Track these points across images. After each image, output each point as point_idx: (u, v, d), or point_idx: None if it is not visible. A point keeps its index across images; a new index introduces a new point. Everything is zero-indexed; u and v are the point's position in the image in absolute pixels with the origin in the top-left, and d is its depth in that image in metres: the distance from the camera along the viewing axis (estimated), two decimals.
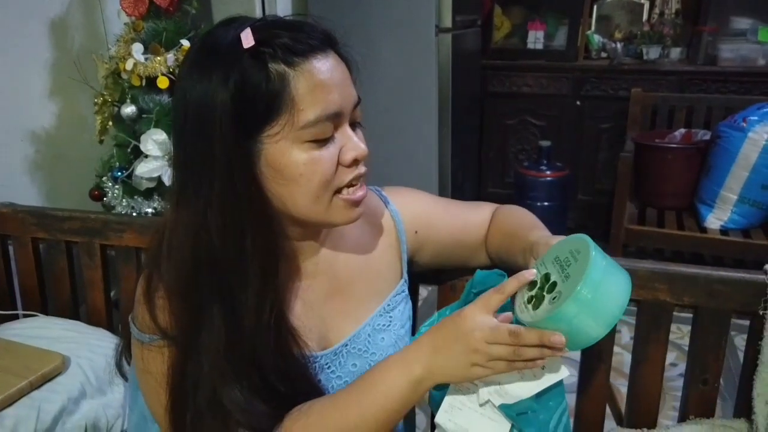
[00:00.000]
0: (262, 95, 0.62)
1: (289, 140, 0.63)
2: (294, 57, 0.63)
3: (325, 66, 0.64)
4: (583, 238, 0.64)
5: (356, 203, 0.70)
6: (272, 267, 0.67)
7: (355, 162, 0.68)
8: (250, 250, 0.65)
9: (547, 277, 0.65)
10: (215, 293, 0.65)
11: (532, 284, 0.66)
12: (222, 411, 0.65)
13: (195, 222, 0.64)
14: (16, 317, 1.32)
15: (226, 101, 0.61)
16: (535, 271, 0.66)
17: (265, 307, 0.66)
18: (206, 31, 0.68)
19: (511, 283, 0.65)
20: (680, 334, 2.09)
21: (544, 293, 0.63)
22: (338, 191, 0.68)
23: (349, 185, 0.68)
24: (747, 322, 0.91)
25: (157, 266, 0.68)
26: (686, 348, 2.08)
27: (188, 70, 0.65)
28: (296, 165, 0.64)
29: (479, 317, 0.63)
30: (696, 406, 0.95)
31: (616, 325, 0.64)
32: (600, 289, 0.59)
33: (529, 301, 0.65)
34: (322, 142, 0.65)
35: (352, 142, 0.67)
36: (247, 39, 0.61)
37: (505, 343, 0.61)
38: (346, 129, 0.67)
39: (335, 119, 0.65)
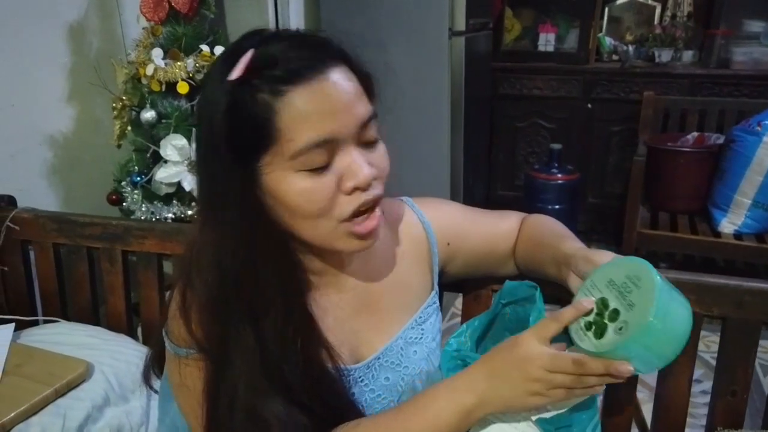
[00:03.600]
0: (250, 125, 0.61)
1: (283, 169, 0.62)
2: (280, 86, 0.60)
3: (316, 91, 0.61)
4: (642, 263, 0.63)
5: (363, 236, 0.66)
6: (292, 290, 0.67)
7: (357, 189, 0.64)
8: (269, 277, 0.65)
9: (604, 302, 0.63)
10: (244, 313, 0.65)
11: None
12: (261, 426, 0.65)
13: (216, 243, 0.65)
14: (36, 323, 1.32)
15: (223, 129, 0.61)
16: (592, 299, 0.64)
17: (288, 328, 0.66)
18: (228, 48, 0.68)
19: (569, 312, 0.63)
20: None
21: (606, 321, 0.62)
22: (346, 220, 0.65)
23: (357, 214, 0.65)
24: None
25: (190, 281, 0.68)
26: (700, 354, 2.08)
27: (205, 89, 0.66)
28: (290, 194, 0.63)
29: (538, 346, 0.61)
30: (723, 417, 0.94)
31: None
32: (668, 318, 0.59)
33: (588, 327, 0.63)
34: (316, 170, 0.62)
35: (351, 169, 0.63)
36: (238, 69, 0.61)
37: (569, 373, 0.60)
38: (349, 153, 0.63)
39: (327, 146, 0.62)
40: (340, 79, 0.62)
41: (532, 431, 0.68)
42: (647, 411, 1.02)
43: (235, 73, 0.60)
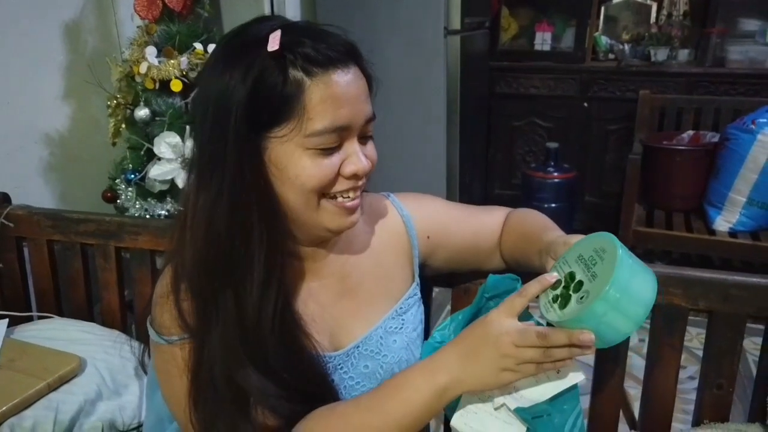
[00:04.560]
0: (276, 97, 0.63)
1: (293, 144, 0.65)
2: (313, 67, 0.64)
3: (342, 80, 0.65)
4: (608, 237, 0.64)
5: (347, 210, 0.70)
6: (277, 262, 0.68)
7: (355, 176, 0.69)
8: (257, 243, 0.66)
9: (572, 275, 0.65)
10: (226, 279, 0.67)
11: (556, 283, 0.66)
12: (240, 394, 0.66)
13: (208, 208, 0.66)
14: (30, 319, 1.33)
15: (243, 96, 0.63)
16: (556, 274, 0.66)
17: (268, 299, 0.67)
18: (240, 25, 0.70)
19: (533, 286, 0.66)
20: (688, 337, 2.08)
21: (570, 292, 0.64)
22: (331, 197, 0.69)
23: (344, 194, 0.70)
24: (756, 325, 0.92)
25: (180, 256, 0.70)
26: (694, 350, 2.09)
27: (215, 61, 0.68)
28: (295, 168, 0.66)
29: (506, 321, 0.63)
30: (710, 410, 0.95)
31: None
32: (628, 288, 0.60)
33: (555, 300, 0.65)
34: (326, 150, 0.66)
35: (355, 157, 0.68)
36: (274, 42, 0.63)
37: (535, 346, 0.61)
38: (353, 143, 0.69)
39: (342, 132, 0.67)
40: (358, 75, 0.68)
41: (510, 419, 0.69)
42: (637, 407, 1.03)
43: (273, 45, 0.63)
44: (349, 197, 0.70)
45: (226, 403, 0.67)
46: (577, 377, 0.68)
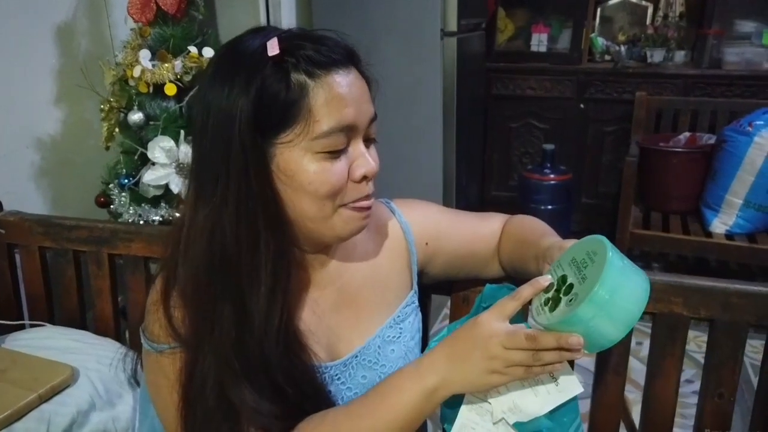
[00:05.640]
0: (280, 103, 0.63)
1: (302, 148, 0.64)
2: (315, 69, 0.64)
3: (344, 80, 0.66)
4: (600, 239, 0.64)
5: (362, 215, 0.71)
6: (284, 270, 0.67)
7: (364, 178, 0.69)
8: (264, 251, 0.65)
9: (563, 279, 0.64)
10: (228, 291, 0.66)
11: (548, 287, 0.66)
12: (231, 410, 0.65)
13: (211, 219, 0.65)
14: (22, 327, 1.31)
15: (247, 106, 0.63)
16: (549, 277, 0.66)
17: (275, 309, 0.66)
18: (233, 38, 0.69)
19: (526, 290, 0.65)
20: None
21: (561, 295, 0.63)
22: (346, 205, 0.69)
23: (357, 203, 0.70)
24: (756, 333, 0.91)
25: (174, 266, 0.69)
26: (692, 353, 2.09)
27: (213, 74, 0.67)
28: (306, 173, 0.65)
29: (495, 324, 0.63)
30: (711, 419, 0.94)
31: (633, 328, 0.63)
32: (617, 291, 0.59)
33: (546, 303, 0.64)
34: (334, 153, 0.66)
35: (363, 159, 0.68)
36: (273, 48, 0.63)
37: (523, 348, 0.61)
38: (360, 144, 0.69)
39: (349, 132, 0.66)
40: (359, 76, 0.69)
41: None
42: (637, 411, 1.02)
43: (272, 50, 0.63)
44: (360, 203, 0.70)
45: (216, 419, 0.66)
46: (577, 389, 0.68)
